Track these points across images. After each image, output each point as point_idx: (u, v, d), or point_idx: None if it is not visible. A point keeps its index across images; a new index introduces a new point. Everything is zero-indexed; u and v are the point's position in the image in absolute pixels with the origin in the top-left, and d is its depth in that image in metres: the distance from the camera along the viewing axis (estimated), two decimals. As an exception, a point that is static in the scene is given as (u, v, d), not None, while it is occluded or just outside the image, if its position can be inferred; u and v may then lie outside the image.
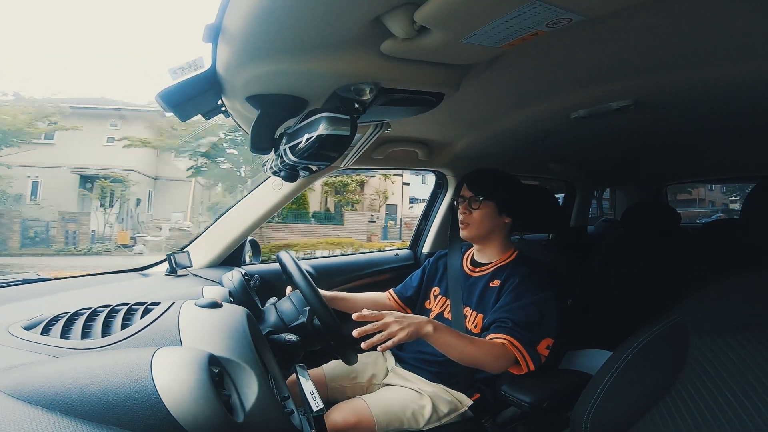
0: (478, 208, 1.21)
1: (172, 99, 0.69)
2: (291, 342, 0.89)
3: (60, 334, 0.59)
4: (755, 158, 1.74)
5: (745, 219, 0.78)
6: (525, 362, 1.02)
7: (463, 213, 1.23)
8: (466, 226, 1.23)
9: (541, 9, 0.50)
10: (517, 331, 1.03)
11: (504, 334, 1.03)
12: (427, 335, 0.96)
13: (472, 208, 1.21)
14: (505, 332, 1.03)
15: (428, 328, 0.96)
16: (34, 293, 0.96)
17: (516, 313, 1.06)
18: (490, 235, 1.23)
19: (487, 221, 1.21)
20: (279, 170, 0.86)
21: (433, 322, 0.98)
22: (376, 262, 1.77)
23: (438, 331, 0.97)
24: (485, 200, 1.20)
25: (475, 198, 1.21)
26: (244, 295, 1.04)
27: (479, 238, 1.24)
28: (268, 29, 0.56)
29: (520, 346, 1.02)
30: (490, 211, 1.21)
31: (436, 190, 1.85)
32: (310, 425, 0.71)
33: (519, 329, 1.03)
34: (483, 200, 1.20)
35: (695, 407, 0.69)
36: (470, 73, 0.77)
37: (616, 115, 1.05)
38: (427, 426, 1.08)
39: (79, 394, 0.46)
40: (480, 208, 1.21)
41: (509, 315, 1.06)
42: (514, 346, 1.02)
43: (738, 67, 0.77)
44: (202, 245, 1.36)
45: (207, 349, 0.56)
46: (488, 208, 1.21)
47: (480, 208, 1.21)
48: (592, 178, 2.44)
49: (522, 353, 1.02)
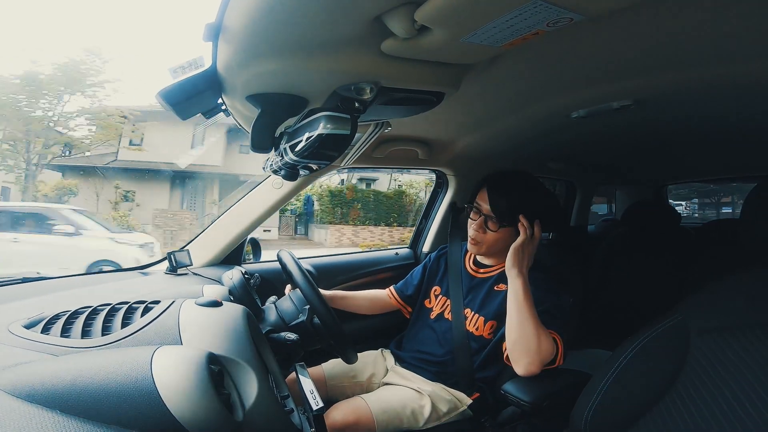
0: (495, 231, 1.09)
1: (173, 97, 0.69)
2: (291, 341, 0.89)
3: (60, 332, 0.59)
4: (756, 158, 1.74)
5: (746, 218, 0.78)
6: (562, 357, 1.00)
7: (477, 231, 1.12)
8: (476, 243, 1.13)
9: (542, 8, 0.49)
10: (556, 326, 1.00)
11: (552, 330, 0.99)
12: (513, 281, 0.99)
13: (488, 229, 1.10)
14: (553, 327, 1.00)
15: (518, 280, 0.99)
16: (35, 292, 0.96)
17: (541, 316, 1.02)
18: (500, 250, 1.13)
19: (502, 242, 1.10)
20: (279, 169, 0.86)
21: (525, 280, 0.99)
22: (376, 261, 1.77)
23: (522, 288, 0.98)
24: (506, 226, 1.08)
25: (496, 220, 1.08)
26: (244, 294, 1.04)
27: (488, 254, 1.18)
28: (269, 28, 0.56)
29: (560, 341, 0.99)
30: (507, 234, 1.08)
31: (436, 189, 1.85)
32: (309, 424, 0.71)
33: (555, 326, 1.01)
34: (504, 226, 1.08)
35: (695, 407, 0.69)
36: (471, 73, 0.77)
37: (616, 114, 1.05)
38: (426, 425, 1.08)
39: (80, 393, 0.46)
40: (498, 230, 1.09)
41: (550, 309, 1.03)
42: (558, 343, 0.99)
43: (738, 67, 0.77)
44: (203, 244, 1.36)
45: (207, 348, 0.56)
46: (506, 233, 1.09)
47: (498, 230, 1.09)
48: (592, 178, 2.44)
49: (560, 351, 0.99)
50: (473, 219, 1.14)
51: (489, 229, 1.11)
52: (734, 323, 0.71)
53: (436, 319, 1.25)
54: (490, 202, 1.10)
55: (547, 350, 0.96)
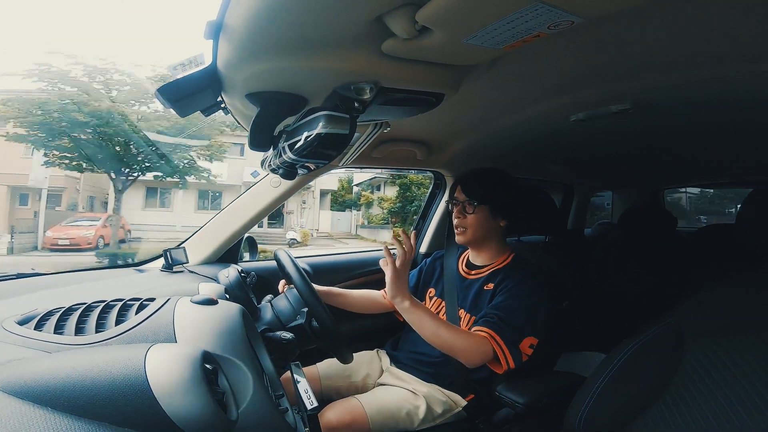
0: (472, 213, 1.19)
1: (172, 95, 0.69)
2: (286, 340, 0.88)
3: (54, 329, 0.59)
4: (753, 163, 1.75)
5: (742, 223, 0.78)
6: (505, 359, 1.01)
7: (458, 217, 1.21)
8: (461, 231, 1.21)
9: (543, 11, 0.50)
10: (502, 327, 1.03)
11: (487, 328, 1.03)
12: (402, 309, 1.01)
13: (467, 213, 1.20)
14: (489, 326, 1.03)
15: (405, 304, 1.01)
16: (29, 288, 0.96)
17: (504, 312, 1.06)
18: (485, 238, 1.22)
19: (482, 225, 1.19)
20: (277, 168, 0.86)
21: (413, 300, 1.02)
22: (372, 260, 1.77)
23: (413, 307, 1.01)
24: (479, 204, 1.19)
25: (470, 202, 1.19)
26: (240, 293, 1.04)
27: (474, 242, 1.23)
28: (270, 27, 0.56)
29: (502, 342, 1.01)
30: (484, 215, 1.19)
31: (434, 191, 1.85)
32: (304, 423, 0.71)
33: (504, 326, 1.03)
34: (477, 204, 1.18)
35: (689, 409, 0.69)
36: (471, 74, 0.77)
37: (615, 117, 1.05)
38: (421, 426, 1.09)
39: (72, 390, 0.45)
40: (474, 212, 1.19)
41: (498, 312, 1.06)
42: (495, 341, 1.01)
43: (737, 70, 0.77)
44: (199, 242, 1.35)
45: (202, 346, 0.55)
46: (482, 212, 1.19)
47: (474, 212, 1.19)
48: (590, 181, 2.44)
49: (503, 350, 1.01)
50: (455, 211, 1.23)
51: (467, 213, 1.20)
52: (728, 326, 0.71)
53: None
54: (463, 190, 1.21)
55: (473, 349, 1.01)
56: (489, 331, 1.02)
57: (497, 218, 1.20)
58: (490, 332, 1.02)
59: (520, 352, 1.03)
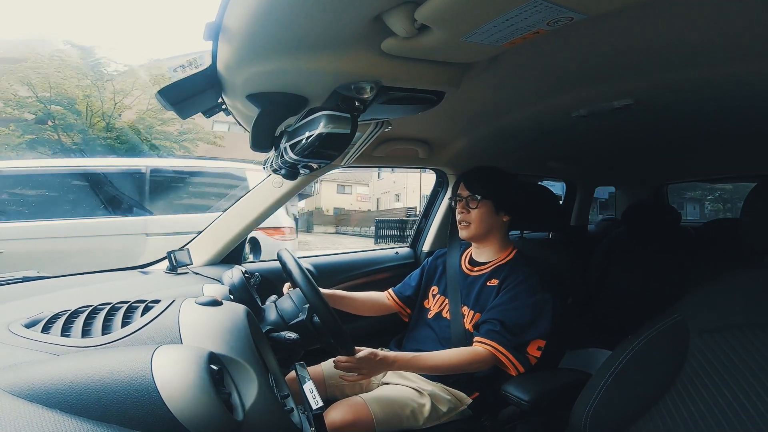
0: (475, 207, 1.21)
1: (173, 96, 0.69)
2: (291, 340, 0.88)
3: (60, 332, 0.59)
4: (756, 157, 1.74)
5: (746, 218, 0.78)
6: (513, 366, 1.05)
7: (461, 212, 1.23)
8: (465, 226, 1.23)
9: (542, 8, 0.49)
10: (504, 336, 1.05)
11: (490, 340, 1.06)
12: (395, 369, 1.07)
13: (470, 208, 1.21)
14: (492, 338, 1.06)
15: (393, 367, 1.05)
16: (35, 291, 0.96)
17: (508, 315, 1.07)
18: (488, 234, 1.23)
19: (486, 220, 1.21)
20: (279, 168, 0.86)
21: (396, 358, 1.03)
22: (376, 260, 1.77)
23: (401, 361, 1.03)
24: (483, 199, 1.20)
25: (473, 197, 1.21)
26: (244, 293, 1.04)
27: (478, 237, 1.24)
28: (269, 27, 0.56)
29: (506, 351, 1.04)
30: (488, 210, 1.21)
31: (436, 189, 1.85)
32: (309, 423, 0.71)
33: (507, 334, 1.05)
34: (480, 199, 1.20)
35: (695, 406, 0.69)
36: (471, 72, 0.76)
37: (617, 114, 1.05)
38: (426, 424, 1.08)
39: (80, 392, 0.46)
40: (478, 207, 1.20)
41: (501, 316, 1.07)
42: (499, 352, 1.04)
43: (739, 67, 0.77)
44: (203, 243, 1.36)
45: (207, 347, 0.56)
46: (486, 207, 1.21)
47: (478, 207, 1.20)
48: (592, 177, 2.44)
49: (509, 359, 1.04)
50: (458, 206, 1.25)
51: (471, 208, 1.22)
52: (733, 323, 0.71)
53: (434, 318, 1.25)
54: (467, 186, 1.24)
55: (478, 365, 1.07)
56: (492, 343, 1.05)
57: (500, 213, 1.22)
58: (493, 344, 1.05)
59: (527, 356, 1.05)
